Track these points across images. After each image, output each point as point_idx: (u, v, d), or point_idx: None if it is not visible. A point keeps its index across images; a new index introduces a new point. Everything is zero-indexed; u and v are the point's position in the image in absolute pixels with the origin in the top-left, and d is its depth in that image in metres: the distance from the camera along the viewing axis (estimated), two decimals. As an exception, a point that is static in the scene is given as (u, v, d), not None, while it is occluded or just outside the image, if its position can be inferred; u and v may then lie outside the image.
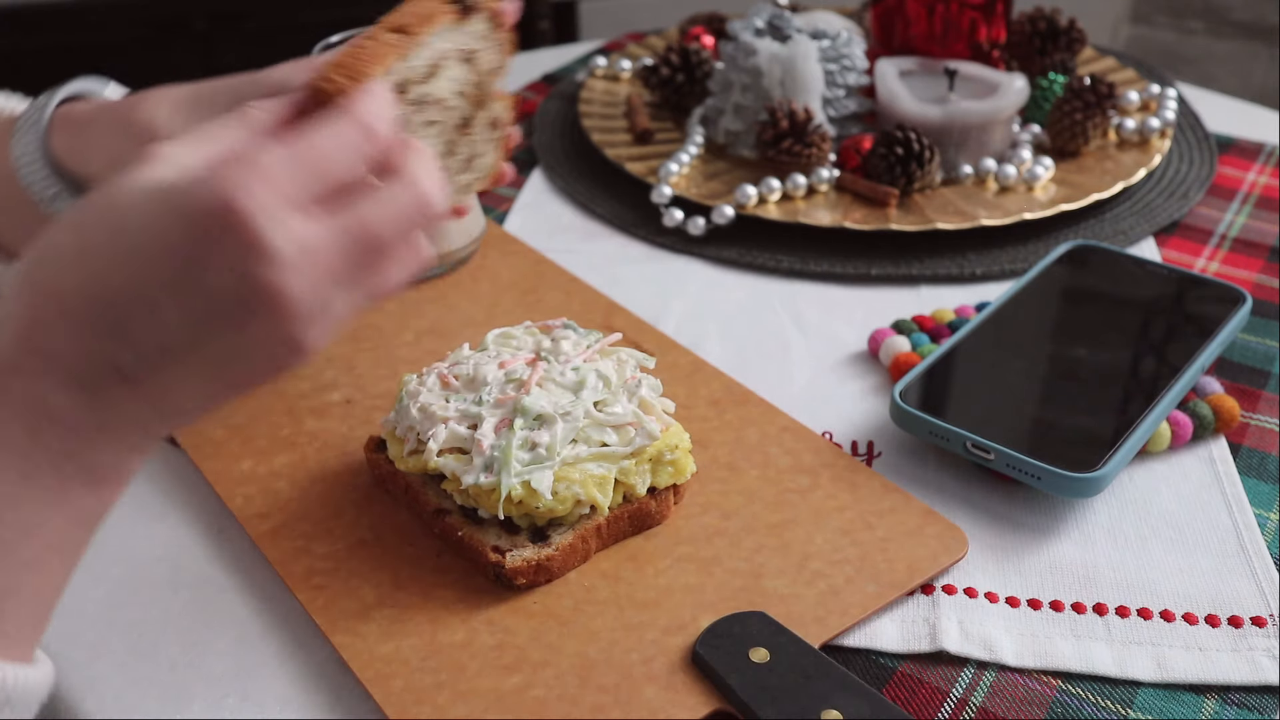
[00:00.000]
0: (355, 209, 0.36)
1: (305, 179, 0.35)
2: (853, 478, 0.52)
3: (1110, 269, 0.64)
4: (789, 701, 0.41)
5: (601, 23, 1.94)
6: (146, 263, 0.34)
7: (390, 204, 0.36)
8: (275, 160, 0.34)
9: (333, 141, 0.36)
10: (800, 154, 0.73)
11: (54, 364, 0.34)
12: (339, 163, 0.36)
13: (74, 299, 0.34)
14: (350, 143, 0.36)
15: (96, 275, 0.34)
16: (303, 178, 0.35)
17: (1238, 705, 0.43)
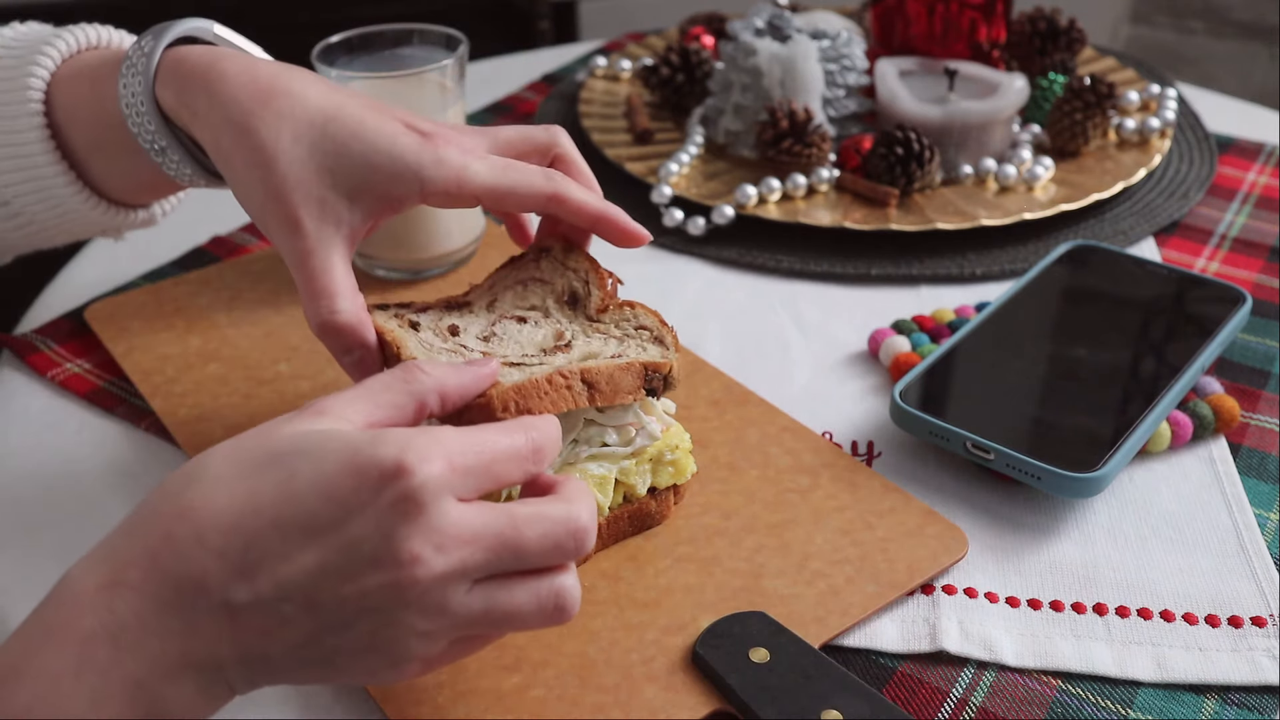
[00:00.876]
0: (511, 513, 0.36)
1: (477, 472, 0.35)
2: (853, 478, 0.52)
3: (1110, 269, 0.64)
4: (789, 702, 0.41)
5: (601, 23, 1.94)
6: (304, 506, 0.34)
7: (544, 521, 0.36)
8: (456, 445, 0.35)
9: (507, 447, 0.37)
10: (800, 154, 0.73)
11: (166, 582, 0.34)
12: (507, 469, 0.37)
13: (217, 524, 0.34)
14: (521, 454, 0.37)
15: (248, 508, 0.34)
16: (475, 470, 0.35)
17: (1238, 705, 0.43)
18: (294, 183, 0.46)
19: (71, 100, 0.53)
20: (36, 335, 0.64)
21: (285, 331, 0.63)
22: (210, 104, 0.48)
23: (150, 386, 0.59)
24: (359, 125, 0.47)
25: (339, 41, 0.66)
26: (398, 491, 0.33)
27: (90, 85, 0.52)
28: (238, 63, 0.48)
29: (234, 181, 0.48)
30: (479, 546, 0.34)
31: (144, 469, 0.55)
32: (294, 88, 0.48)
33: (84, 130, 0.53)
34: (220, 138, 0.47)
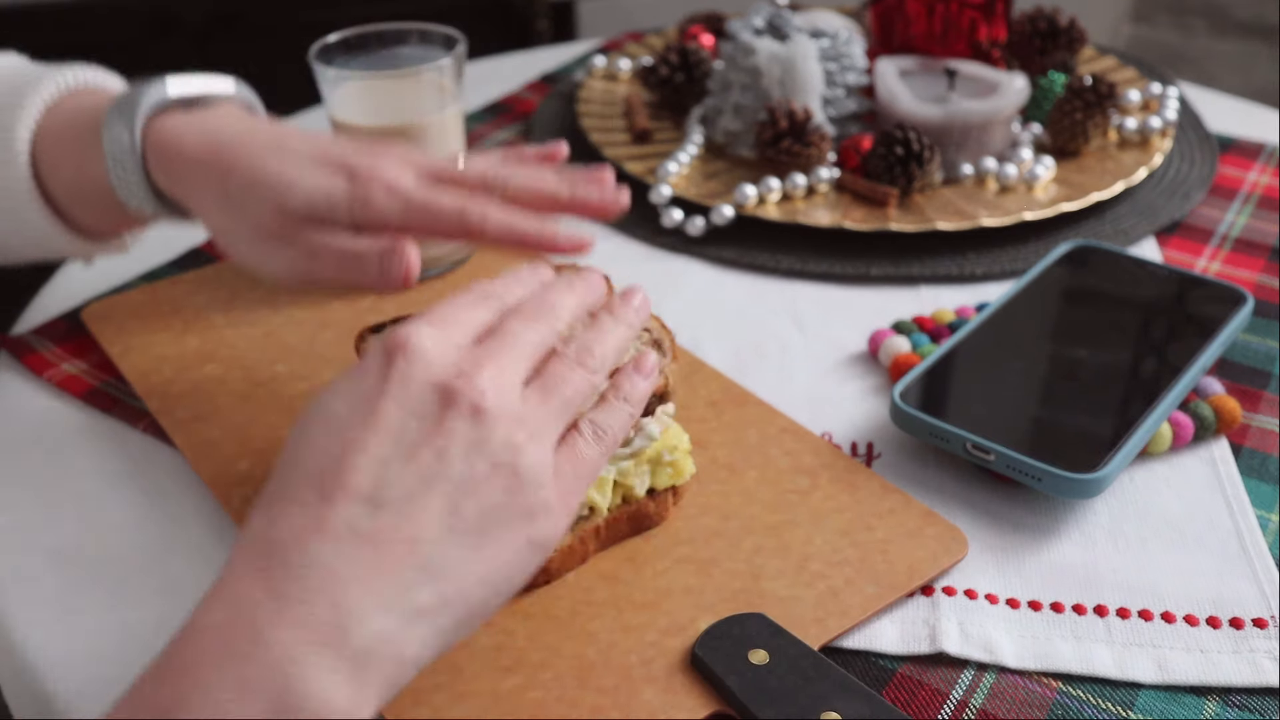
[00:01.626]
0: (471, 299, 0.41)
1: (446, 317, 0.40)
2: (852, 479, 0.52)
3: (1111, 269, 0.64)
4: (788, 703, 0.40)
5: (600, 22, 1.93)
6: (341, 406, 0.37)
7: (510, 282, 0.43)
8: (426, 313, 0.40)
9: (466, 301, 0.41)
10: (799, 154, 0.73)
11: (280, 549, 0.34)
12: (469, 309, 0.41)
13: (291, 478, 0.36)
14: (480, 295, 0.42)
15: (299, 452, 0.37)
16: (445, 316, 0.40)
17: (1239, 707, 0.43)
18: (229, 241, 0.51)
19: (55, 158, 0.55)
20: (33, 335, 0.64)
21: (283, 332, 0.63)
22: (200, 189, 0.51)
23: (147, 387, 0.59)
24: (252, 172, 0.50)
25: (337, 41, 0.66)
26: (398, 352, 0.37)
27: (75, 147, 0.54)
28: (198, 143, 0.52)
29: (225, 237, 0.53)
30: (490, 357, 0.38)
31: (141, 470, 0.55)
32: (262, 177, 0.50)
33: (67, 186, 0.56)
34: (216, 218, 0.52)
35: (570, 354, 0.41)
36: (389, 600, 0.34)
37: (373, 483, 0.35)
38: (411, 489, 0.35)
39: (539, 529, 0.37)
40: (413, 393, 0.36)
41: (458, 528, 0.35)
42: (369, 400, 0.36)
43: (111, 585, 0.48)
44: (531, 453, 0.37)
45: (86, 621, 0.47)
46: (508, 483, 0.37)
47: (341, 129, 0.65)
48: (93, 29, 1.75)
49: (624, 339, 0.43)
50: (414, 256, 0.47)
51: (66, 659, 0.45)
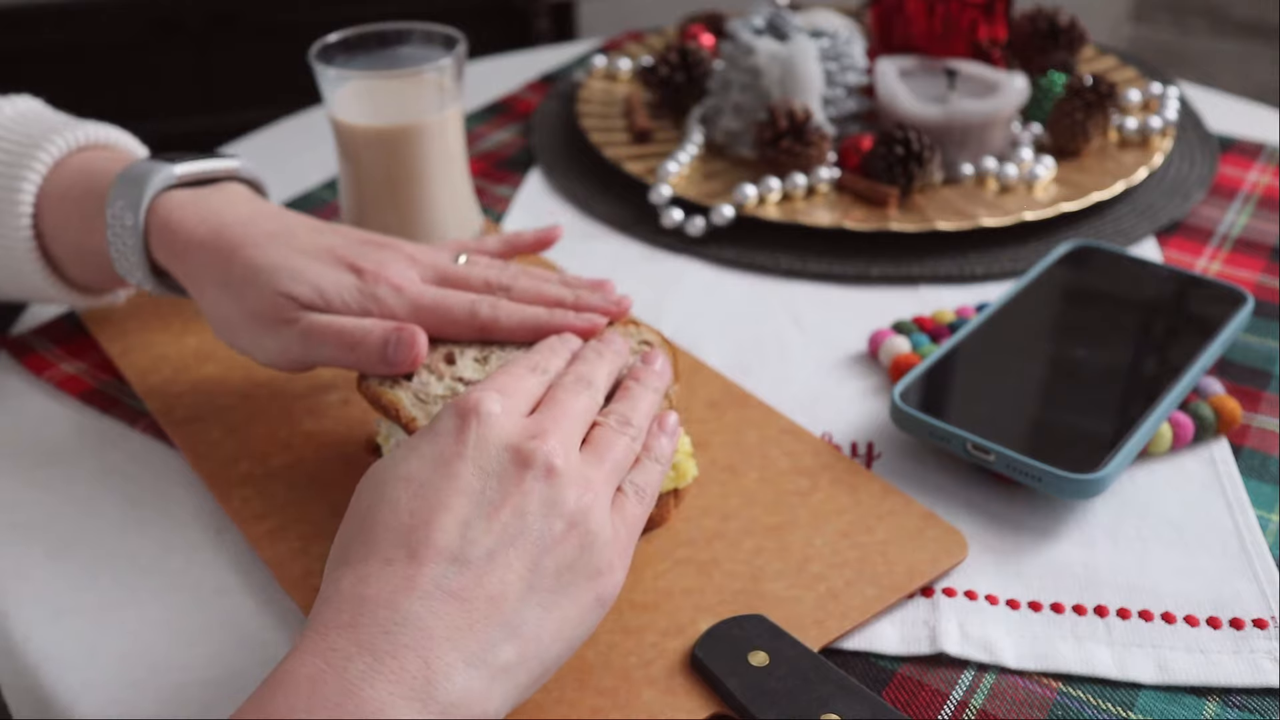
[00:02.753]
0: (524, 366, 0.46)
1: (505, 387, 0.43)
2: (852, 480, 0.52)
3: (1111, 269, 0.64)
4: (788, 705, 0.40)
5: (600, 22, 1.93)
6: (420, 468, 0.39)
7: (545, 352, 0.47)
8: (491, 381, 0.43)
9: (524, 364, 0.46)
10: (799, 153, 0.73)
11: (370, 606, 0.35)
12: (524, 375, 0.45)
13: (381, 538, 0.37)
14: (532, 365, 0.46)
15: (381, 514, 0.38)
16: (503, 386, 0.43)
17: (1239, 707, 0.43)
18: (223, 325, 0.52)
19: (57, 221, 0.56)
20: (33, 335, 0.64)
21: (283, 332, 0.62)
22: (203, 277, 0.52)
23: (147, 387, 0.58)
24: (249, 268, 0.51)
25: (337, 41, 0.66)
26: (470, 416, 0.39)
27: (78, 214, 0.55)
28: (201, 226, 0.52)
29: None
30: (553, 423, 0.41)
31: (140, 470, 0.55)
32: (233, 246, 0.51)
33: (67, 249, 0.57)
34: (218, 307, 0.52)
35: (612, 422, 0.43)
36: (474, 657, 0.35)
37: (458, 542, 0.37)
38: (493, 547, 0.37)
39: (604, 586, 0.39)
40: (490, 454, 0.39)
41: (537, 585, 0.37)
42: (447, 462, 0.38)
43: (111, 585, 0.48)
44: (598, 512, 0.39)
45: (86, 621, 0.47)
46: (581, 541, 0.38)
47: (342, 129, 0.65)
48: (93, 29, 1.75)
49: (654, 403, 0.46)
50: (422, 341, 0.48)
51: (66, 659, 0.45)
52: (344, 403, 0.57)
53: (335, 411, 0.57)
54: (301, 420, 0.56)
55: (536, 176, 0.81)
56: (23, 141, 0.56)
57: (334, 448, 0.54)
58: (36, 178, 0.56)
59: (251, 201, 0.54)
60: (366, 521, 0.38)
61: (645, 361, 0.48)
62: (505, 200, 0.78)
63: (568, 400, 0.43)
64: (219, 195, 0.54)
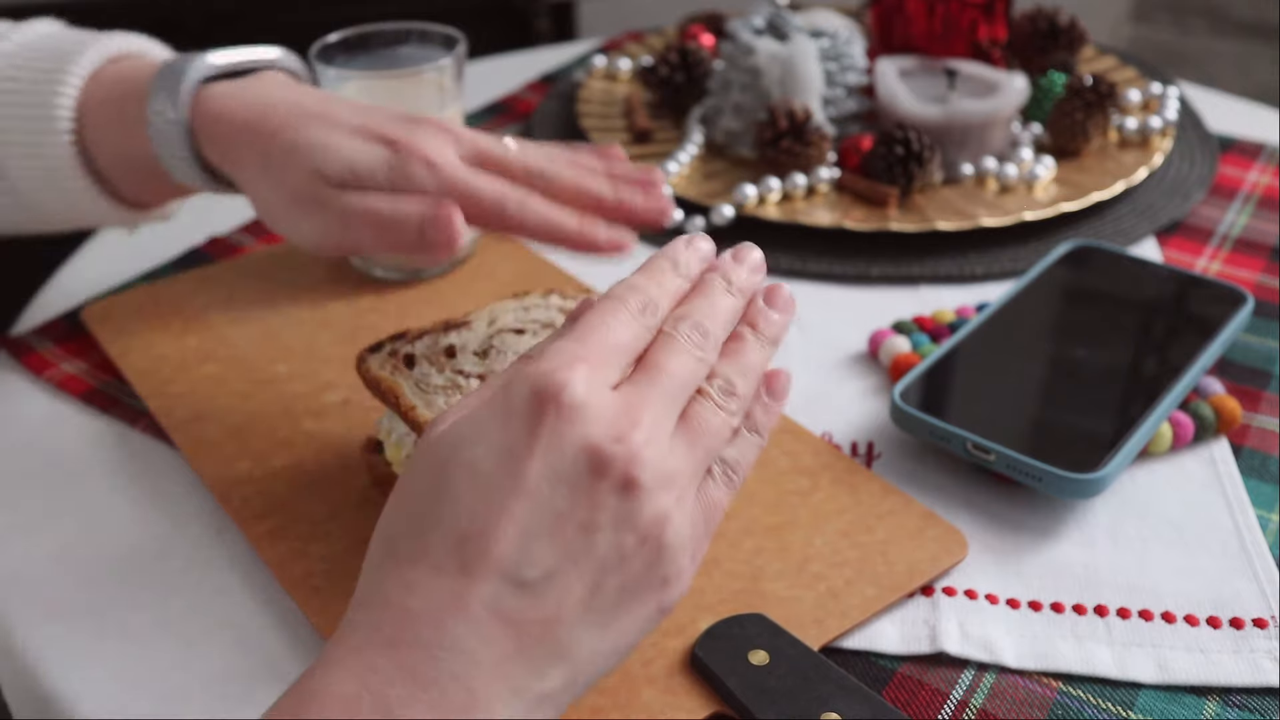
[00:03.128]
0: None
1: (598, 355, 0.36)
2: (852, 480, 0.52)
3: (1111, 269, 0.64)
4: (788, 704, 0.40)
5: (600, 22, 1.93)
6: (486, 459, 0.34)
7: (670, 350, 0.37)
8: (571, 348, 0.35)
9: (614, 319, 0.37)
10: (799, 153, 0.73)
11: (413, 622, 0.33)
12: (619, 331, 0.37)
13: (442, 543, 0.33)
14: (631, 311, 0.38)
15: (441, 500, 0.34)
16: (597, 354, 0.36)
17: (1239, 707, 0.43)
18: (266, 208, 0.51)
19: (98, 129, 0.55)
20: (33, 335, 0.64)
21: (282, 332, 0.63)
22: (248, 162, 0.51)
23: (147, 387, 0.58)
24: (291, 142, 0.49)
25: (337, 41, 0.66)
26: (549, 405, 0.34)
27: (119, 119, 0.54)
28: (243, 110, 0.51)
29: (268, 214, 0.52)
30: (646, 406, 0.35)
31: (140, 470, 0.55)
32: (275, 127, 0.50)
33: (111, 157, 0.56)
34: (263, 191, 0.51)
35: (715, 393, 0.38)
36: (519, 686, 0.33)
37: (516, 557, 0.33)
38: (553, 567, 0.33)
39: (670, 595, 0.36)
40: (565, 455, 0.33)
41: (596, 606, 0.34)
42: (517, 459, 0.33)
43: (111, 585, 0.48)
44: (677, 519, 0.35)
45: (86, 621, 0.47)
46: (652, 556, 0.35)
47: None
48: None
49: (766, 361, 0.40)
50: (459, 221, 0.45)
51: (66, 659, 0.45)
52: (344, 402, 0.57)
53: (335, 411, 0.57)
54: (302, 420, 0.56)
55: (536, 176, 0.81)
56: (54, 56, 0.55)
57: (334, 447, 0.54)
58: (73, 90, 0.54)
59: (294, 86, 0.53)
60: (420, 512, 0.34)
61: (769, 298, 0.41)
62: (505, 200, 0.78)
63: (671, 365, 0.36)
64: (259, 83, 0.52)
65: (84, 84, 0.55)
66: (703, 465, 0.37)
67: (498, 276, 0.67)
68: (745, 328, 0.40)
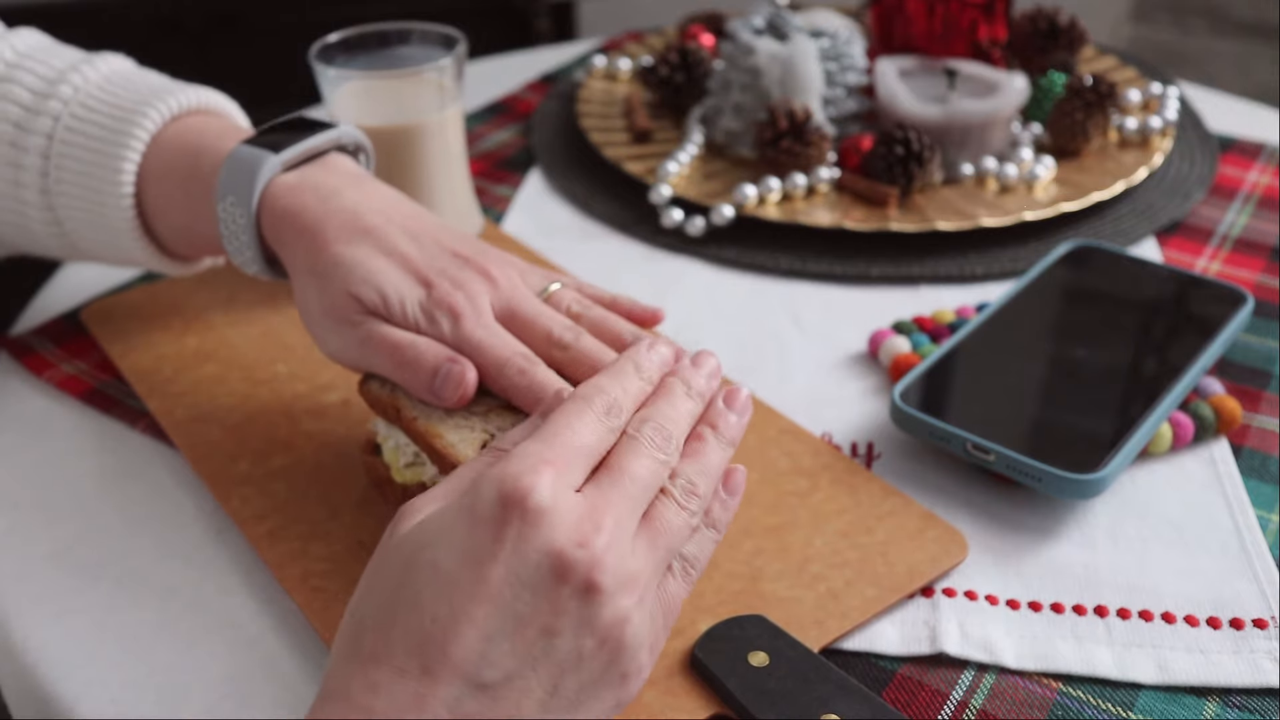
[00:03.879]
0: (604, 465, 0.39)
1: (567, 457, 0.37)
2: (852, 480, 0.52)
3: (1111, 269, 0.64)
4: (788, 705, 0.40)
5: (600, 22, 1.93)
6: (449, 561, 0.35)
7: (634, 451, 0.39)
8: (539, 446, 0.37)
9: (580, 424, 0.38)
10: (799, 154, 0.73)
11: None
12: (586, 434, 0.38)
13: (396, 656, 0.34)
14: (596, 414, 0.39)
15: (404, 602, 0.35)
16: (565, 456, 0.37)
17: (1239, 708, 0.43)
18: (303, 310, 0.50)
19: (161, 203, 0.55)
20: (33, 335, 0.64)
21: (282, 332, 0.63)
22: (289, 258, 0.51)
23: (147, 387, 0.58)
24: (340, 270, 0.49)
25: (337, 41, 0.66)
26: (514, 510, 0.34)
27: (183, 197, 0.54)
28: (306, 212, 0.50)
29: None
30: (610, 509, 0.36)
31: (140, 470, 0.55)
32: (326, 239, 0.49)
33: (173, 230, 0.56)
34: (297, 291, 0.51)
35: (677, 493, 0.39)
36: None
37: (476, 660, 0.34)
38: (513, 670, 0.34)
39: (628, 690, 0.37)
40: (529, 560, 0.34)
41: (554, 707, 0.35)
42: (480, 563, 0.34)
43: (111, 586, 0.48)
44: (637, 620, 0.36)
45: (86, 622, 0.47)
46: (611, 656, 0.36)
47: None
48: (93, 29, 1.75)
49: (724, 461, 0.41)
50: (470, 379, 0.45)
51: (66, 659, 0.45)
52: (344, 403, 0.57)
53: (335, 411, 0.57)
54: (301, 420, 0.56)
55: (536, 176, 0.81)
56: (120, 111, 0.54)
57: (334, 448, 0.54)
58: (137, 153, 0.54)
59: (356, 186, 0.52)
60: (385, 611, 0.35)
61: (728, 401, 0.42)
62: (505, 200, 0.78)
63: (635, 468, 0.38)
64: (324, 176, 0.52)
65: (147, 147, 0.54)
66: (663, 564, 0.38)
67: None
68: (705, 428, 0.41)
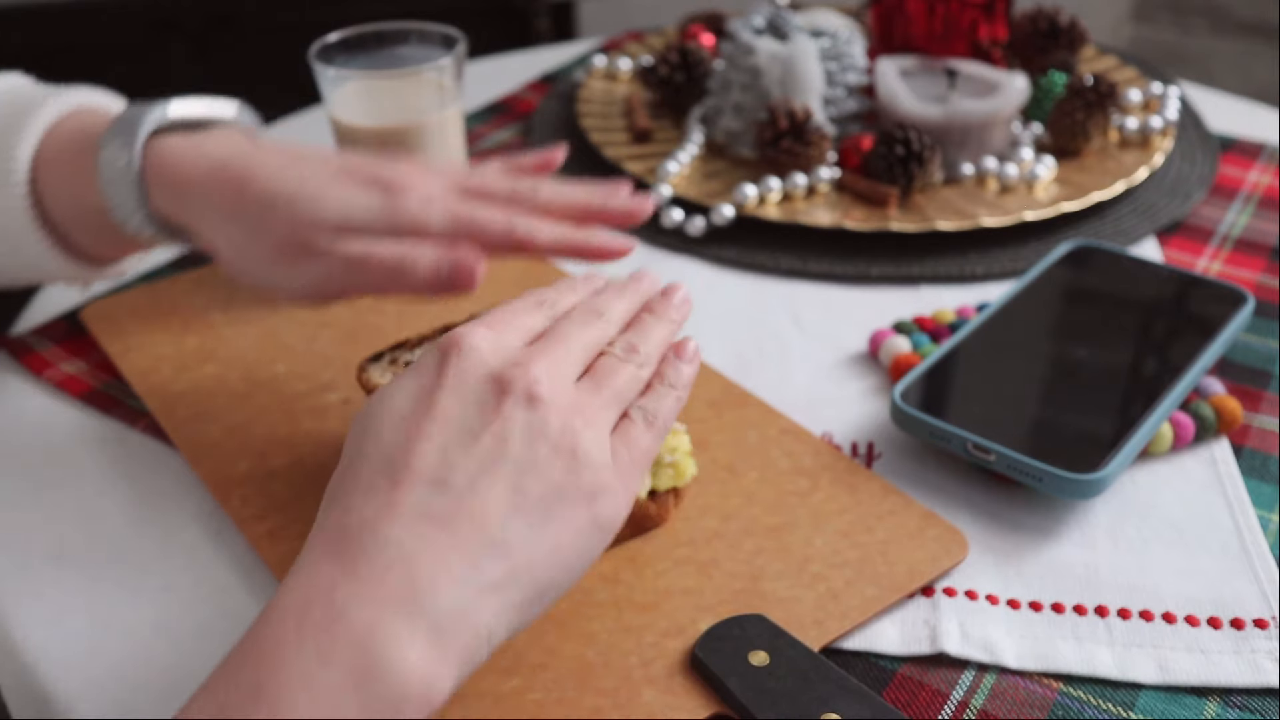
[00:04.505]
0: None
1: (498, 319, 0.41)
2: (852, 480, 0.52)
3: (1112, 269, 0.64)
4: (788, 705, 0.40)
5: (600, 21, 1.93)
6: (401, 401, 0.38)
7: None
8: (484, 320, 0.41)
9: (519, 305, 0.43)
10: (800, 153, 0.73)
11: (352, 535, 0.35)
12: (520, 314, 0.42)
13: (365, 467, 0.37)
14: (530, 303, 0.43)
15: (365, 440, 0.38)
16: (497, 318, 0.41)
17: (1239, 708, 0.43)
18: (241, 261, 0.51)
19: (53, 181, 0.54)
20: (33, 335, 0.64)
21: (282, 331, 0.62)
22: (204, 206, 0.51)
23: (147, 387, 0.58)
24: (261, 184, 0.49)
25: (337, 41, 0.66)
26: (452, 350, 0.39)
27: (72, 169, 0.53)
28: (203, 163, 0.51)
29: None
30: (545, 350, 0.39)
31: (140, 470, 0.55)
32: (265, 162, 0.50)
33: (65, 209, 0.55)
34: (224, 231, 0.51)
35: (617, 350, 0.42)
36: (460, 574, 0.35)
37: (437, 467, 0.36)
38: (474, 472, 0.36)
39: (602, 508, 0.38)
40: (469, 384, 0.38)
41: (522, 506, 0.36)
42: (428, 393, 0.38)
43: (111, 585, 0.48)
44: (588, 436, 0.38)
45: (86, 621, 0.47)
46: (568, 463, 0.37)
47: (342, 129, 0.65)
48: (93, 29, 1.75)
49: (668, 334, 0.44)
50: (475, 262, 0.46)
51: (66, 659, 0.45)
52: (345, 402, 0.57)
53: (336, 411, 0.57)
54: (302, 420, 0.56)
55: (537, 176, 0.81)
56: (13, 110, 0.55)
57: (334, 447, 0.54)
58: (30, 142, 0.54)
59: (252, 139, 0.52)
60: (352, 458, 0.38)
61: (665, 294, 0.45)
62: (505, 200, 0.78)
63: (568, 330, 0.41)
64: (216, 136, 0.52)
65: (41, 138, 0.54)
66: (613, 404, 0.40)
67: (499, 277, 0.67)
68: (644, 311, 0.44)
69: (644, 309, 0.45)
